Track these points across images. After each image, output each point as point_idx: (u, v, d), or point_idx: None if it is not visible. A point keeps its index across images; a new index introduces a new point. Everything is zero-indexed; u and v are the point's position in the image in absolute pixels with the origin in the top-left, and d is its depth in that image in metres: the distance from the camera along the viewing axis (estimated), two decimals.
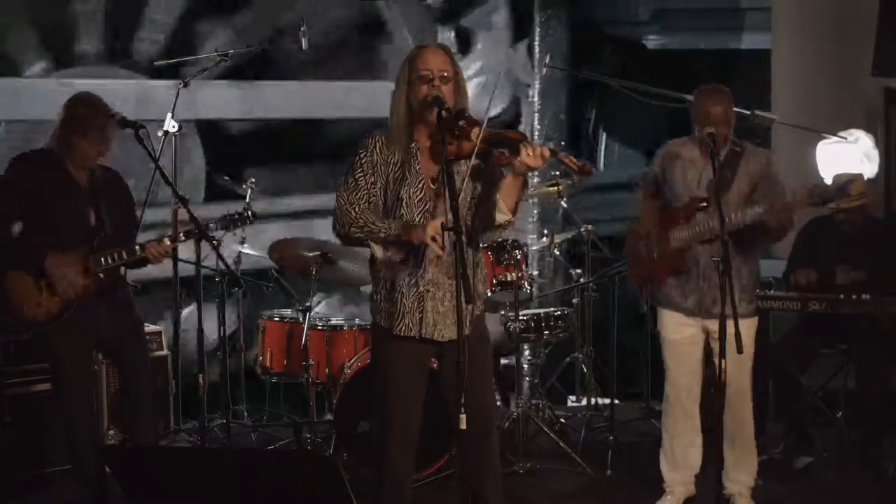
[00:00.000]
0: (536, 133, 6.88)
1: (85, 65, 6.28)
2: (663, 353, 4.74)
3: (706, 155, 4.48)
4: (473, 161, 3.68)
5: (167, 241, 4.57)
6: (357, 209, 3.72)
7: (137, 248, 4.53)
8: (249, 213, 4.72)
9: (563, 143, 6.97)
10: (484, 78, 6.68)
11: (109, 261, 4.51)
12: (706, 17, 7.03)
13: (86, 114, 4.50)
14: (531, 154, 3.53)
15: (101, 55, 6.35)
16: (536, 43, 6.86)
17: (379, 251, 3.75)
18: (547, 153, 3.56)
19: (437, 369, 4.00)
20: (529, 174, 3.69)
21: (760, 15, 7.02)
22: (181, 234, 4.59)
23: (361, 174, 3.75)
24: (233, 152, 6.53)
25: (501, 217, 3.68)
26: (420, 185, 3.72)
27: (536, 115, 6.99)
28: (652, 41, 7.01)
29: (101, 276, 4.52)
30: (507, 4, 6.95)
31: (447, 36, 6.88)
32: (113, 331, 4.62)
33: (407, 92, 3.71)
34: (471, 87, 4.10)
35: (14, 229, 4.54)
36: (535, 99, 6.94)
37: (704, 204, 4.48)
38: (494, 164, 3.68)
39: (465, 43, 6.89)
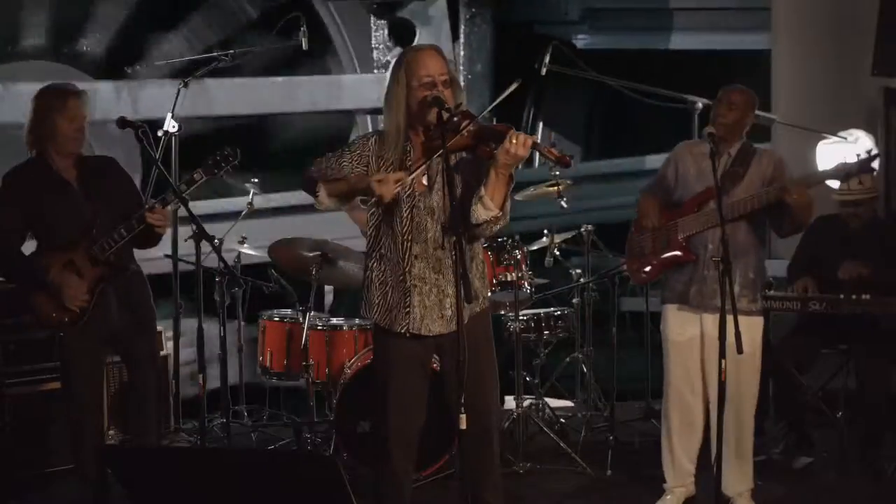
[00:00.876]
0: None
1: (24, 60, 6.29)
2: (664, 352, 4.74)
3: (717, 149, 4.51)
4: (460, 155, 3.69)
5: (159, 207, 4.50)
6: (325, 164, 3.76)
7: (134, 222, 4.49)
8: (229, 151, 4.60)
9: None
10: None
11: (112, 243, 4.49)
12: (635, 17, 7.07)
13: (48, 98, 4.51)
14: (515, 142, 3.50)
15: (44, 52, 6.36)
16: (461, 41, 6.87)
17: (323, 197, 3.73)
18: (530, 143, 3.52)
19: (440, 369, 4.00)
20: (515, 168, 3.64)
21: (688, 15, 7.05)
22: (169, 197, 4.54)
23: (349, 157, 3.77)
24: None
25: (487, 213, 3.64)
26: (409, 181, 3.72)
27: None
28: (581, 40, 7.05)
29: (111, 258, 4.50)
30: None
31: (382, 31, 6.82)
32: (123, 325, 4.61)
33: (406, 97, 3.70)
34: None
35: (23, 244, 4.54)
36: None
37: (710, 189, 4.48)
38: (481, 159, 3.65)
39: (401, 36, 6.85)
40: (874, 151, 4.65)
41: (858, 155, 4.51)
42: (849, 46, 6.55)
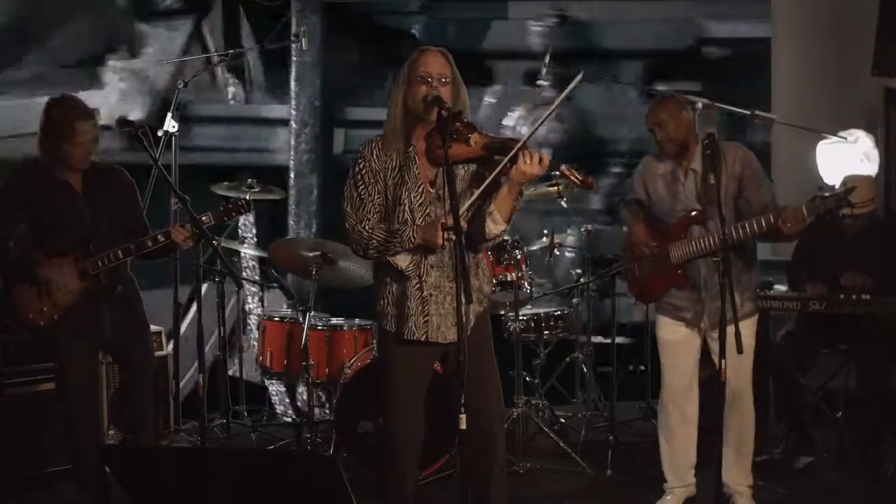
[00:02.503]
0: (292, 120, 6.83)
1: None
2: (660, 354, 4.74)
3: (680, 165, 4.53)
4: (473, 168, 3.68)
5: (183, 228, 4.48)
6: (368, 226, 3.70)
7: (133, 247, 4.48)
8: (243, 201, 4.65)
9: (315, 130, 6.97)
10: None
11: (106, 262, 4.49)
12: (472, 8, 7.12)
13: (60, 115, 4.46)
14: (529, 161, 3.50)
15: None
16: (292, 31, 6.83)
17: (401, 262, 3.72)
18: (546, 161, 3.52)
19: (441, 371, 4.00)
20: (527, 182, 3.62)
21: (523, 6, 7.11)
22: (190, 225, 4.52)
23: (363, 186, 3.73)
24: None
25: (497, 228, 3.67)
26: (420, 190, 3.71)
27: (293, 100, 6.94)
28: (420, 30, 7.12)
29: (101, 277, 4.50)
30: None
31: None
32: (115, 330, 4.61)
33: (405, 92, 3.71)
34: None
35: (11, 242, 4.52)
36: (292, 85, 6.95)
37: (694, 213, 4.47)
38: (496, 175, 3.61)
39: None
40: (850, 185, 4.60)
41: (834, 187, 4.48)
42: (849, 46, 6.55)
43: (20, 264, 4.47)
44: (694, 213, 4.49)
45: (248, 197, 5.63)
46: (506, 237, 5.40)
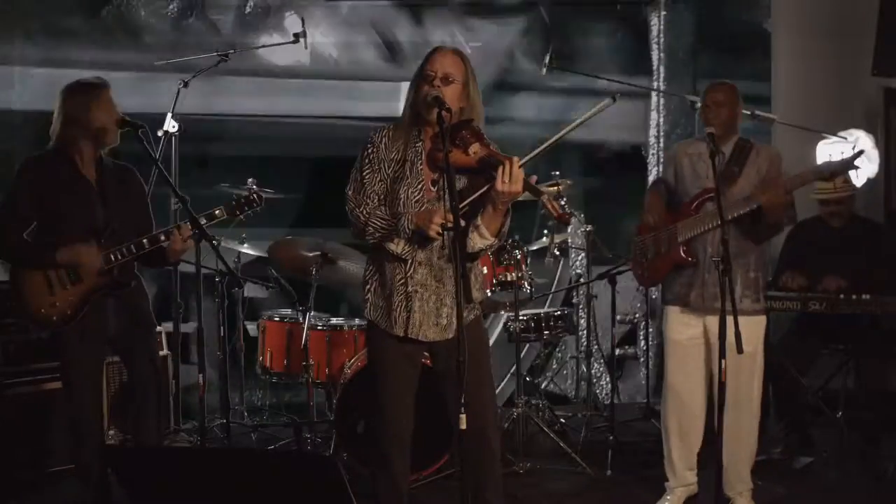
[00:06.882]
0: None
1: None
2: (665, 352, 4.74)
3: (708, 147, 4.53)
4: (465, 179, 3.67)
5: (185, 228, 4.42)
6: (365, 210, 3.72)
7: (146, 241, 4.47)
8: (255, 195, 4.63)
9: None
10: None
11: (119, 256, 4.47)
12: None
13: (87, 89, 4.46)
14: (505, 180, 3.47)
15: None
16: None
17: (397, 247, 3.72)
18: (520, 187, 3.47)
19: (432, 367, 4.01)
20: (510, 202, 3.59)
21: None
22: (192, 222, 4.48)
23: (369, 171, 3.75)
24: None
25: (482, 242, 3.66)
26: (419, 187, 3.72)
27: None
28: None
29: (114, 272, 4.49)
30: None
31: None
32: (121, 329, 4.59)
33: (414, 91, 3.72)
34: None
35: (25, 234, 4.52)
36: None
37: (713, 194, 4.48)
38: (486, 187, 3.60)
39: None
40: (857, 148, 4.63)
41: (843, 153, 4.50)
42: (849, 46, 6.55)
43: (38, 255, 4.46)
44: (710, 190, 4.47)
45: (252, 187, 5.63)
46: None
